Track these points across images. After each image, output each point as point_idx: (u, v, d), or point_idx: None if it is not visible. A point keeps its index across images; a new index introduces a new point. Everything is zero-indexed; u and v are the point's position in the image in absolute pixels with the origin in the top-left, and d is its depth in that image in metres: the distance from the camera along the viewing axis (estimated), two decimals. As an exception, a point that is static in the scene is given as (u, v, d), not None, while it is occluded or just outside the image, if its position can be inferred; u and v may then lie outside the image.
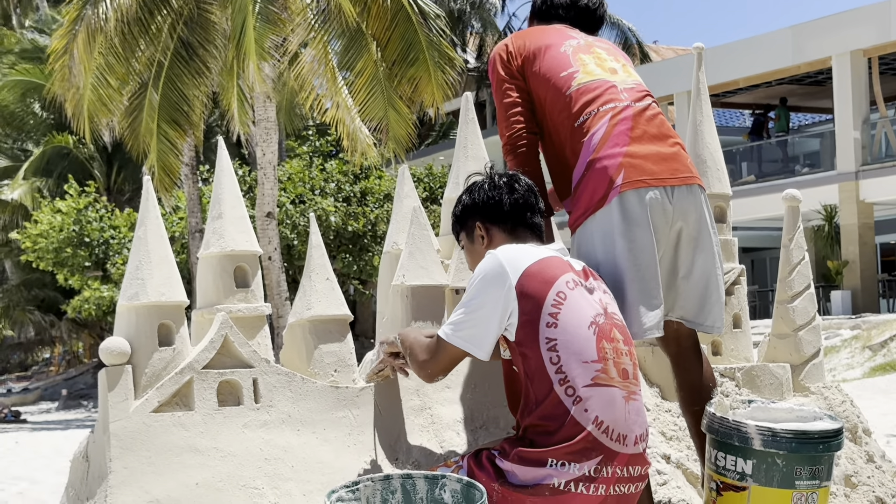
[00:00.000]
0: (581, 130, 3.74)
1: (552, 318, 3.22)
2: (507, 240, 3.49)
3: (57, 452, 15.56)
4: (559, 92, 3.82)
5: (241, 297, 4.06)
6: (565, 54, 3.90)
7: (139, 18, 19.21)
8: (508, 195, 3.51)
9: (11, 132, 35.28)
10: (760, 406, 3.72)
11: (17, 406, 30.20)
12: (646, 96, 3.85)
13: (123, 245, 27.50)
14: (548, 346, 3.20)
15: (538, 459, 3.16)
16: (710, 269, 3.80)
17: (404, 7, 19.19)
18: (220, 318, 3.83)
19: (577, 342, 3.22)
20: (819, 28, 27.29)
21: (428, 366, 3.47)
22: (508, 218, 3.51)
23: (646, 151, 3.70)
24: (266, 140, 20.10)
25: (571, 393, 3.18)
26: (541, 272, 3.29)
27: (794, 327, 4.78)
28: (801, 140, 31.62)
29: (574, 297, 3.28)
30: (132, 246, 3.81)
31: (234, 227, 4.06)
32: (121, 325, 3.76)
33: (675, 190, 3.70)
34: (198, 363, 3.77)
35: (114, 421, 3.62)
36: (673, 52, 42.10)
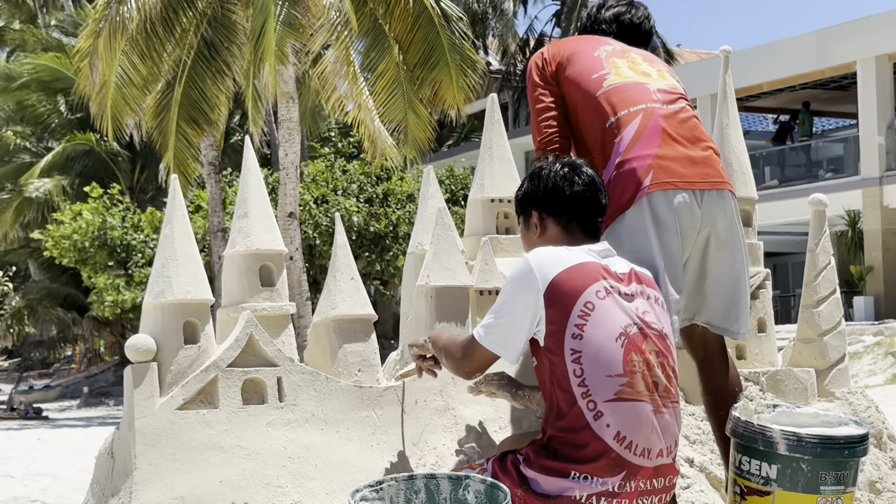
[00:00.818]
0: (612, 132, 3.73)
1: (578, 329, 3.19)
2: (559, 234, 3.45)
3: (79, 449, 15.62)
4: (590, 94, 3.81)
5: (266, 296, 4.07)
6: (598, 58, 3.90)
7: (164, 18, 19.27)
8: (569, 187, 3.45)
9: (36, 130, 35.44)
10: (785, 410, 3.71)
11: (39, 403, 30.33)
12: (679, 99, 3.83)
13: (146, 245, 27.60)
14: (572, 357, 3.18)
15: (561, 471, 3.15)
16: (738, 275, 3.78)
17: (427, 10, 19.20)
18: (246, 317, 3.85)
19: (603, 355, 3.18)
20: (844, 32, 27.17)
21: (465, 365, 3.46)
22: (564, 211, 3.45)
23: (676, 154, 3.67)
24: (289, 140, 20.13)
25: (593, 407, 3.15)
26: (570, 280, 3.24)
27: (820, 332, 4.76)
28: (824, 145, 31.48)
29: (604, 306, 3.23)
30: (158, 244, 3.83)
31: (260, 227, 4.07)
32: (147, 322, 3.78)
33: (705, 194, 3.67)
34: (223, 361, 3.78)
35: (139, 418, 3.64)
36: (696, 55, 41.98)
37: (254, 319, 3.85)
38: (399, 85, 19.38)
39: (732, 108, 4.81)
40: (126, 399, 3.72)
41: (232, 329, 3.92)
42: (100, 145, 32.18)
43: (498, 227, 4.69)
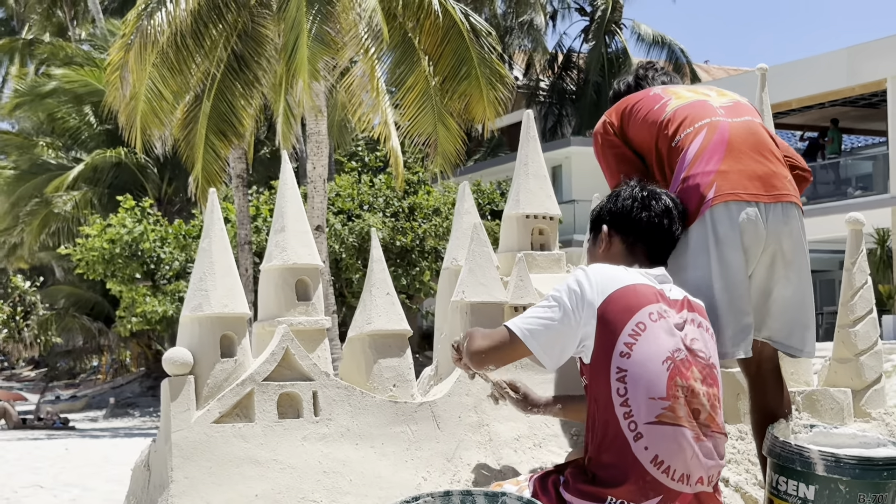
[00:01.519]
0: (677, 150, 3.73)
1: (627, 347, 3.18)
2: (623, 252, 3.48)
3: (106, 460, 15.69)
4: (655, 123, 3.82)
5: (302, 310, 4.09)
6: (656, 94, 3.93)
7: (194, 31, 19.38)
8: (643, 211, 3.49)
9: (66, 141, 35.67)
10: (822, 431, 3.69)
11: (65, 413, 30.48)
12: (744, 112, 3.83)
13: (174, 257, 27.71)
14: (617, 376, 3.16)
15: (597, 495, 3.14)
16: (804, 293, 3.75)
17: (456, 24, 19.25)
18: (282, 331, 3.86)
19: (648, 376, 3.16)
20: (874, 50, 27.04)
21: (483, 351, 3.41)
22: (632, 232, 3.49)
23: (741, 167, 3.65)
24: (317, 154, 20.20)
25: (633, 427, 3.13)
26: (624, 298, 3.24)
27: (856, 352, 4.72)
28: (853, 162, 31.31)
29: (654, 329, 3.21)
30: (196, 257, 3.84)
31: (297, 241, 4.09)
32: (184, 335, 3.80)
33: (770, 208, 3.64)
34: (259, 375, 3.79)
35: (176, 431, 3.65)
36: (724, 72, 41.89)
37: (290, 333, 3.86)
38: (428, 98, 19.44)
39: (769, 127, 4.78)
40: (163, 412, 3.74)
41: (268, 343, 3.93)
42: (129, 157, 32.36)
43: (533, 243, 4.69)
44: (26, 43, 47.58)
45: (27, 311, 40.28)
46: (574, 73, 40.83)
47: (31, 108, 35.17)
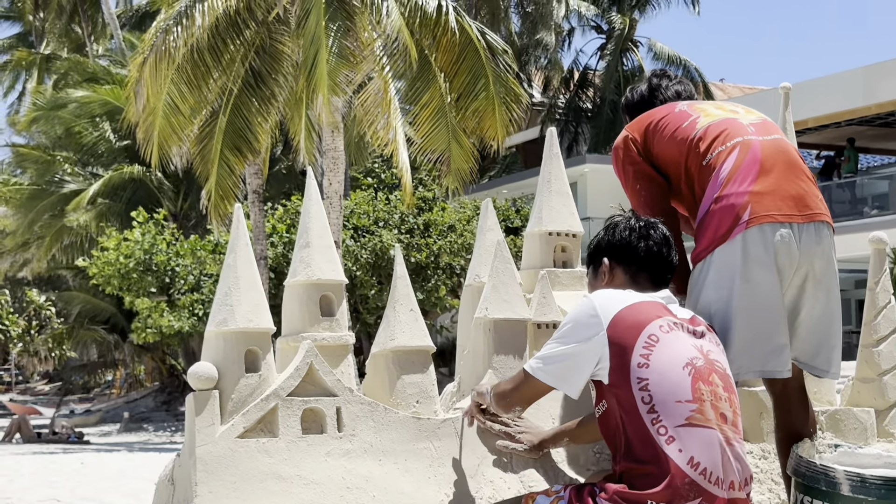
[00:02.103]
0: (709, 168, 3.71)
1: (643, 358, 3.21)
2: (626, 282, 3.52)
3: (122, 474, 15.71)
4: (685, 141, 3.80)
5: (326, 326, 4.09)
6: (682, 110, 3.92)
7: (212, 47, 19.48)
8: (642, 241, 3.54)
9: (83, 157, 35.83)
10: (847, 451, 3.68)
11: (80, 427, 30.55)
12: (773, 130, 3.82)
13: (189, 272, 27.78)
14: (639, 385, 3.18)
15: (637, 500, 3.13)
16: (832, 313, 3.74)
17: (472, 42, 19.31)
18: (306, 346, 3.86)
19: (670, 381, 3.19)
20: (891, 69, 27.03)
21: (508, 395, 3.54)
22: (634, 262, 3.54)
23: (774, 187, 3.64)
24: (333, 170, 20.26)
25: (664, 432, 3.14)
26: (631, 316, 3.29)
27: (879, 371, 4.71)
28: (869, 182, 31.27)
29: (668, 339, 3.26)
30: (221, 272, 3.86)
31: (322, 257, 4.10)
32: (208, 350, 3.80)
33: (804, 228, 3.64)
34: (283, 390, 3.80)
35: (200, 445, 3.65)
36: (740, 90, 41.88)
37: (314, 349, 3.87)
38: (443, 115, 19.51)
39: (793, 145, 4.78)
40: (187, 426, 3.74)
41: (292, 358, 3.94)
42: (145, 173, 32.50)
43: (555, 260, 4.69)
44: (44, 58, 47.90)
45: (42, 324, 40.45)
46: (590, 91, 40.88)
47: (49, 123, 35.36)
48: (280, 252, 25.65)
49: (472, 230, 26.65)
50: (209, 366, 3.72)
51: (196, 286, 27.53)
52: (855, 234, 24.86)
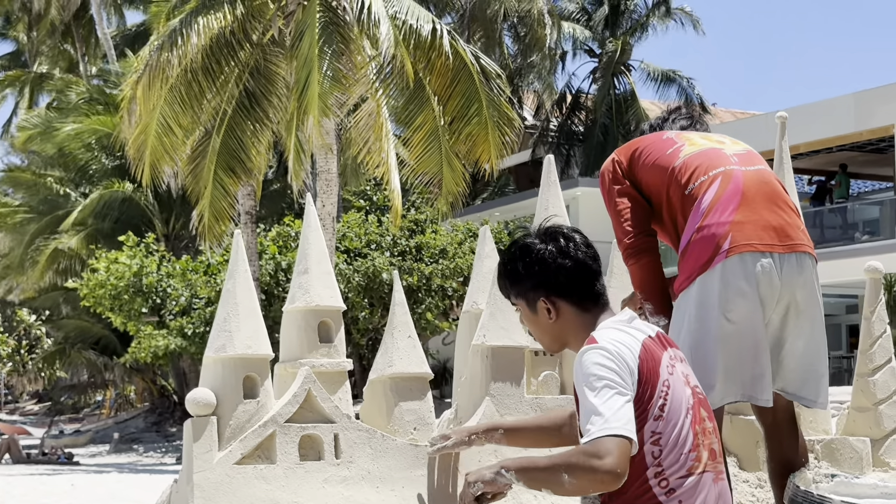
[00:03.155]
0: (691, 198, 3.74)
1: (660, 410, 3.07)
2: (575, 313, 3.25)
3: (112, 496, 15.64)
4: (667, 168, 3.83)
5: (325, 352, 4.10)
6: (669, 138, 3.95)
7: (206, 67, 19.52)
8: (572, 265, 3.24)
9: (74, 177, 35.81)
10: (844, 481, 3.68)
11: (69, 448, 30.41)
12: (757, 161, 3.85)
13: (181, 293, 27.73)
14: (652, 439, 3.06)
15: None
16: (817, 344, 3.76)
17: (466, 66, 19.38)
18: (304, 373, 3.87)
19: (679, 434, 3.10)
20: (882, 95, 27.17)
21: (615, 466, 2.94)
22: (573, 291, 3.25)
23: (755, 217, 3.66)
24: (326, 192, 20.29)
25: (665, 486, 3.07)
26: (649, 360, 3.11)
27: (875, 401, 4.72)
28: (861, 207, 31.37)
29: (674, 382, 3.14)
30: (221, 297, 3.86)
31: (320, 283, 4.11)
32: (207, 376, 3.81)
33: (785, 259, 3.66)
34: (281, 417, 3.80)
35: (198, 472, 3.65)
36: (732, 115, 42.04)
37: (312, 375, 3.87)
38: (436, 138, 19.56)
39: (789, 175, 4.82)
40: (185, 452, 3.74)
41: (290, 384, 3.94)
42: (136, 193, 32.47)
43: (553, 287, 4.69)
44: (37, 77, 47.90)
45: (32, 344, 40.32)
46: (582, 114, 41.01)
47: (42, 143, 35.33)
48: (268, 271, 25.62)
49: (464, 253, 26.65)
50: (207, 392, 3.73)
51: (188, 308, 27.47)
52: (846, 260, 24.93)
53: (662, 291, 3.86)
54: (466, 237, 27.47)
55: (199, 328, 26.40)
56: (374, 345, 27.09)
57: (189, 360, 30.72)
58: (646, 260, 3.87)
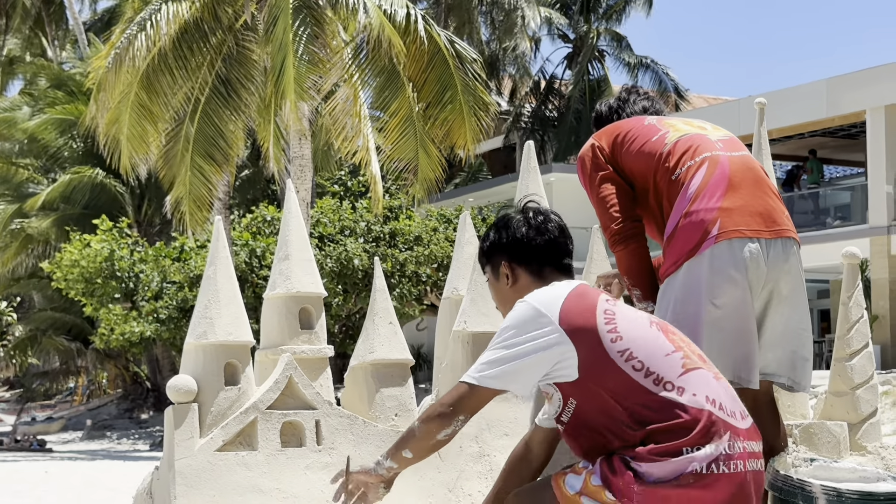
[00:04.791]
0: (678, 183, 3.75)
1: (613, 333, 3.14)
2: (532, 281, 3.37)
3: (87, 484, 15.57)
4: (653, 155, 3.83)
5: (305, 339, 4.09)
6: (651, 124, 3.94)
7: (178, 54, 19.40)
8: (538, 236, 3.39)
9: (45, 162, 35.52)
10: (822, 465, 3.70)
11: (42, 435, 30.26)
12: (740, 147, 3.86)
13: (152, 279, 27.59)
14: (623, 357, 3.11)
15: (673, 451, 3.04)
16: (801, 327, 3.78)
17: (441, 50, 19.34)
18: (285, 360, 3.86)
19: (649, 342, 3.15)
20: (854, 81, 27.30)
21: (447, 416, 3.20)
22: (535, 259, 3.38)
23: (742, 203, 3.68)
24: (300, 178, 20.22)
25: (671, 387, 3.09)
26: (576, 302, 3.19)
27: (852, 385, 4.75)
28: (832, 193, 31.55)
29: (621, 308, 3.22)
30: (201, 285, 3.85)
31: (301, 269, 4.10)
32: (187, 362, 3.80)
33: (771, 244, 3.68)
34: (262, 403, 3.80)
35: (179, 459, 3.64)
36: (704, 100, 42.16)
37: (293, 362, 3.87)
38: (411, 124, 19.52)
39: (767, 160, 4.83)
40: (166, 439, 3.73)
41: (271, 371, 3.94)
42: (108, 179, 32.25)
43: (532, 273, 4.69)
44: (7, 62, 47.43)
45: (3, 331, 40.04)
46: (556, 100, 41.03)
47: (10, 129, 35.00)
48: (243, 259, 25.54)
49: (439, 240, 26.63)
50: (188, 379, 3.72)
51: (159, 293, 27.34)
52: (818, 245, 25.09)
53: (650, 277, 3.88)
54: (440, 223, 27.44)
55: (173, 313, 26.28)
56: (347, 331, 27.07)
57: (162, 347, 30.59)
58: (634, 246, 3.88)
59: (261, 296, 4.02)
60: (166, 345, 29.11)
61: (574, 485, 3.16)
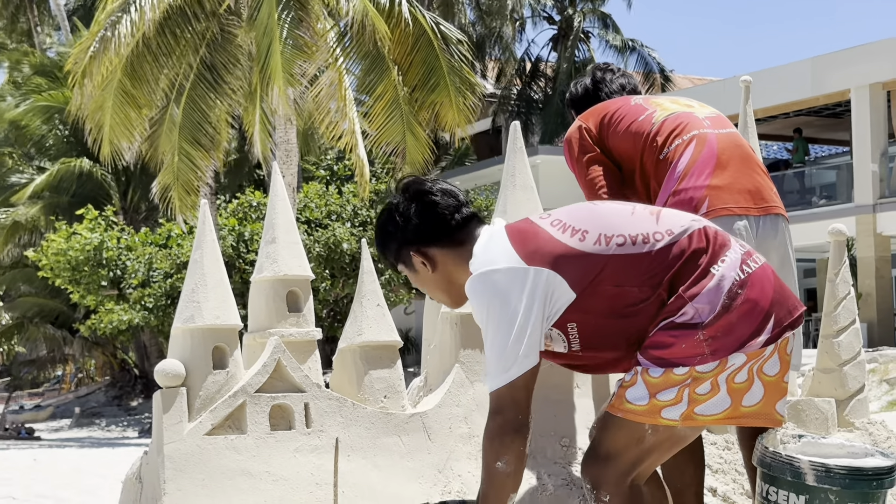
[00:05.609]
0: (666, 162, 3.75)
1: (574, 234, 3.00)
2: (450, 254, 3.14)
3: (76, 471, 15.56)
4: (641, 135, 3.83)
5: (293, 322, 4.08)
6: (638, 104, 3.94)
7: (161, 41, 19.30)
8: (422, 208, 3.15)
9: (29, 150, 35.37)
10: (811, 441, 3.72)
11: (30, 423, 30.22)
12: (727, 124, 3.87)
13: (139, 267, 27.51)
14: (602, 245, 2.98)
15: (702, 275, 2.95)
16: None
17: (426, 32, 19.29)
18: (273, 343, 3.86)
19: (610, 216, 3.05)
20: (838, 60, 27.33)
21: (506, 425, 2.93)
22: (435, 234, 3.14)
23: (731, 180, 3.70)
24: (286, 163, 20.17)
25: (659, 235, 2.99)
26: (522, 236, 3.04)
27: (840, 362, 4.78)
28: (818, 172, 31.62)
29: (560, 212, 3.11)
30: (188, 269, 3.84)
31: (288, 252, 4.09)
32: (175, 347, 3.79)
33: (760, 221, 3.70)
34: (251, 387, 3.79)
35: (168, 443, 3.64)
36: (689, 81, 42.15)
37: (281, 345, 3.87)
38: (398, 107, 19.47)
39: (753, 139, 4.84)
40: (155, 424, 3.72)
41: (259, 354, 3.93)
42: (93, 167, 32.14)
43: (520, 254, 4.69)
44: (-11, 48, 47.13)
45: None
46: (541, 82, 40.98)
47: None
48: (230, 244, 25.49)
49: (426, 223, 26.59)
50: (176, 363, 3.71)
51: (146, 281, 27.28)
52: (803, 224, 25.14)
53: None
54: (427, 207, 27.40)
55: (161, 301, 26.23)
56: (335, 315, 27.05)
57: (149, 334, 30.54)
58: None
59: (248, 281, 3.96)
60: (154, 332, 29.06)
61: (639, 395, 2.95)
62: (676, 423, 2.95)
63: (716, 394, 2.94)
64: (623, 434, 2.99)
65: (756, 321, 2.96)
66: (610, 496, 2.99)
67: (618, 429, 2.99)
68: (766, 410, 3.08)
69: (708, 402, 2.94)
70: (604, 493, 2.99)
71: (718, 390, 2.94)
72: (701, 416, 2.96)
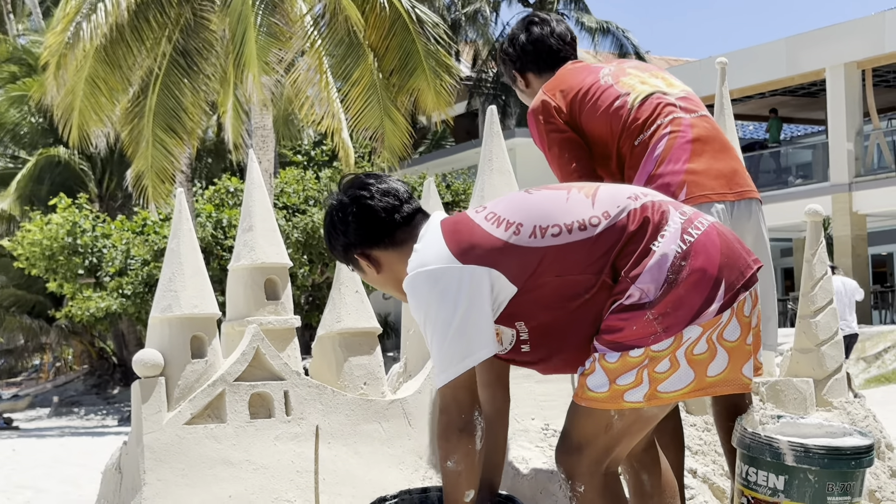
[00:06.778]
0: (642, 147, 3.74)
1: (509, 228, 2.96)
2: (394, 254, 3.08)
3: (56, 460, 15.51)
4: (618, 121, 3.80)
5: (272, 310, 4.07)
6: (608, 85, 3.88)
7: (134, 27, 19.18)
8: (359, 210, 3.07)
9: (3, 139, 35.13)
10: (789, 421, 3.74)
11: (8, 412, 30.07)
12: (697, 105, 3.86)
13: (116, 255, 27.39)
14: (538, 237, 2.94)
15: (644, 254, 2.93)
16: (766, 285, 3.81)
17: (402, 16, 19.23)
18: (252, 331, 3.85)
19: (544, 205, 3.01)
20: (813, 40, 27.41)
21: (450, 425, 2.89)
22: (375, 235, 3.08)
23: (707, 166, 3.70)
24: (262, 149, 20.09)
25: (596, 219, 2.96)
26: (457, 234, 2.99)
27: (817, 342, 4.79)
28: (794, 151, 31.74)
29: (494, 204, 3.09)
30: (165, 258, 3.82)
31: (265, 240, 4.08)
32: (153, 336, 3.77)
33: (735, 205, 3.71)
34: (230, 375, 3.78)
35: (147, 433, 3.63)
36: (665, 62, 42.21)
37: (260, 333, 3.85)
38: (375, 92, 19.41)
39: (730, 120, 4.85)
40: (134, 414, 3.71)
41: (237, 343, 3.92)
42: (70, 156, 31.96)
43: (498, 238, 4.69)
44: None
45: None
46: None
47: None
48: (209, 232, 25.41)
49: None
50: (154, 352, 3.69)
51: (124, 269, 27.16)
52: (780, 204, 25.26)
53: None
54: (404, 191, 27.35)
55: (139, 288, 26.13)
56: (313, 301, 27.01)
57: (127, 322, 30.42)
58: None
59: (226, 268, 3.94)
60: (132, 320, 28.94)
61: (600, 383, 2.91)
62: (641, 404, 2.93)
63: (676, 370, 2.92)
64: (590, 422, 2.97)
65: (705, 290, 2.93)
66: (584, 486, 2.98)
67: (584, 417, 2.97)
68: (732, 376, 3.06)
69: (669, 378, 2.92)
70: (578, 484, 2.98)
71: (679, 365, 2.92)
72: (665, 393, 2.94)
